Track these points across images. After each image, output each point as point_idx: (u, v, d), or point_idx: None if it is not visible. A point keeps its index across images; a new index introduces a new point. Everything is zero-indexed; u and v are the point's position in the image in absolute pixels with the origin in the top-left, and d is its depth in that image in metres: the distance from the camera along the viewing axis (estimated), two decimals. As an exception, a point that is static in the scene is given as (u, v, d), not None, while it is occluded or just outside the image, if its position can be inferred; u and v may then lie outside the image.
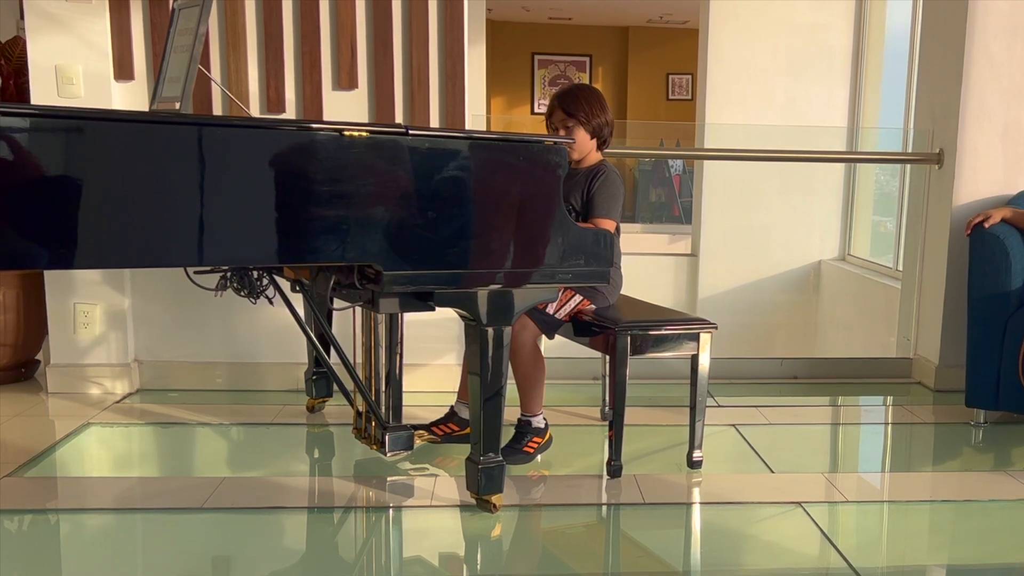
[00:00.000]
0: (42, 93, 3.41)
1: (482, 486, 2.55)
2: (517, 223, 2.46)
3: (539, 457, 3.00)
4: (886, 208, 6.60)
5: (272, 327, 3.66)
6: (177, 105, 2.46)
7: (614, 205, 2.91)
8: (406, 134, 2.31)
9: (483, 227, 2.43)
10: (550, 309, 2.89)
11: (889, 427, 3.71)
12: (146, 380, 3.70)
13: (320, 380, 3.42)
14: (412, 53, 3.52)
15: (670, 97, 12.87)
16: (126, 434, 3.26)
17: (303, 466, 3.07)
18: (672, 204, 11.09)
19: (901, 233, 5.25)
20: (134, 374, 3.67)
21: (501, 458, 2.57)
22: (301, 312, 3.08)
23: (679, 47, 12.27)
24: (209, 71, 3.44)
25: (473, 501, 2.60)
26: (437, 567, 2.38)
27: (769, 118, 6.53)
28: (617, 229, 2.91)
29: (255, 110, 3.53)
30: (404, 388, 2.88)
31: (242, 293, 2.87)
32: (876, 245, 6.62)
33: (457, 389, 3.18)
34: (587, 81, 12.56)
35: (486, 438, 2.53)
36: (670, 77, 12.82)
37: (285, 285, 2.97)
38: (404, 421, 2.86)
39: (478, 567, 2.42)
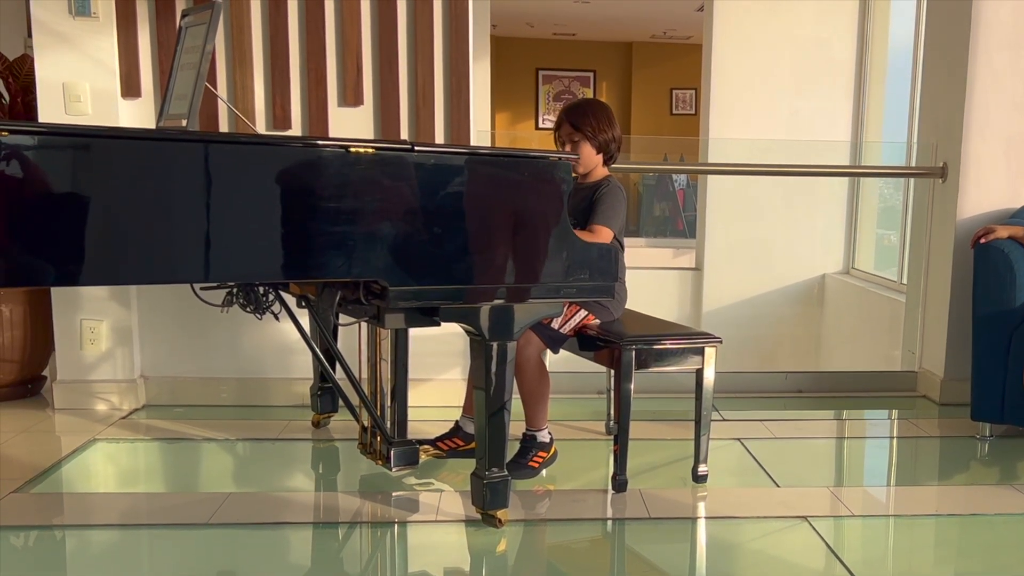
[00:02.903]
0: (49, 111, 3.43)
1: (487, 501, 2.55)
2: (522, 238, 2.47)
3: (544, 472, 3.00)
4: (890, 221, 6.61)
5: (278, 342, 3.67)
6: (184, 122, 2.48)
7: (613, 216, 2.91)
8: (411, 150, 2.32)
9: (488, 242, 2.44)
10: (555, 324, 2.89)
11: (894, 441, 3.70)
12: (152, 396, 3.71)
13: (325, 395, 3.43)
14: (417, 69, 3.54)
15: (674, 112, 12.92)
16: (132, 450, 3.27)
17: (308, 481, 3.08)
18: (676, 218, 11.11)
19: (905, 246, 5.25)
20: (140, 390, 3.68)
21: (506, 473, 2.57)
22: (307, 327, 3.09)
23: (682, 62, 12.32)
24: (215, 88, 3.46)
25: (478, 516, 2.60)
26: (443, 582, 2.38)
27: (772, 132, 6.54)
28: (621, 244, 2.92)
29: (261, 127, 3.55)
30: (409, 403, 2.89)
31: (248, 309, 2.88)
32: (880, 258, 6.63)
33: (462, 404, 3.19)
34: (591, 96, 12.61)
35: (491, 453, 2.53)
36: (673, 92, 12.87)
37: (291, 300, 2.98)
38: (409, 436, 2.86)
39: (484, 582, 2.42)
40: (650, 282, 6.57)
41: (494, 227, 2.44)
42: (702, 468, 2.94)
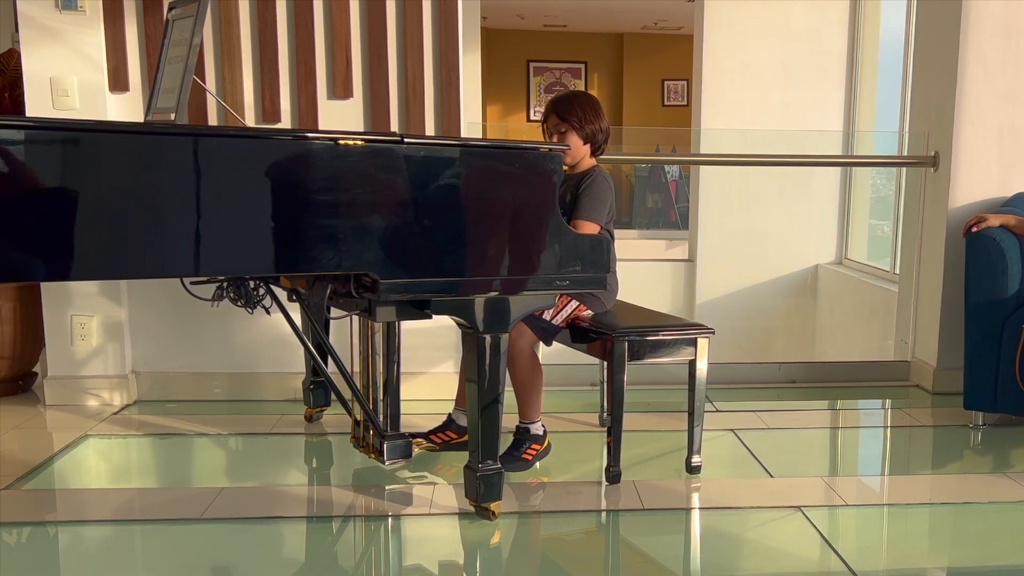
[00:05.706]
0: (37, 105, 3.41)
1: (481, 494, 2.55)
2: (514, 230, 2.46)
3: (538, 464, 3.00)
4: (883, 211, 6.62)
5: (269, 337, 3.65)
6: (172, 116, 2.46)
7: (596, 208, 2.89)
8: (401, 142, 2.31)
9: (479, 235, 2.43)
10: (547, 316, 2.89)
11: (888, 430, 3.71)
12: (144, 391, 3.69)
13: (318, 389, 3.42)
14: (407, 62, 3.53)
15: (665, 103, 12.91)
16: (124, 445, 3.25)
17: (301, 476, 3.07)
18: (669, 210, 11.10)
19: (898, 236, 5.26)
20: (131, 385, 3.67)
21: (500, 465, 2.57)
22: (298, 321, 3.07)
23: (674, 53, 12.31)
24: (204, 82, 3.45)
25: (472, 509, 2.59)
26: (437, 575, 2.37)
27: (765, 123, 6.54)
28: (611, 235, 2.91)
29: (250, 120, 3.53)
30: (402, 396, 2.88)
31: (239, 303, 2.87)
32: (873, 248, 6.64)
33: (455, 397, 3.18)
34: (582, 88, 12.60)
35: (484, 445, 2.53)
36: (665, 83, 12.86)
37: (282, 294, 2.96)
38: (402, 429, 2.85)
39: (478, 575, 2.41)
40: (643, 274, 6.58)
41: (485, 219, 2.43)
42: (696, 459, 2.94)
